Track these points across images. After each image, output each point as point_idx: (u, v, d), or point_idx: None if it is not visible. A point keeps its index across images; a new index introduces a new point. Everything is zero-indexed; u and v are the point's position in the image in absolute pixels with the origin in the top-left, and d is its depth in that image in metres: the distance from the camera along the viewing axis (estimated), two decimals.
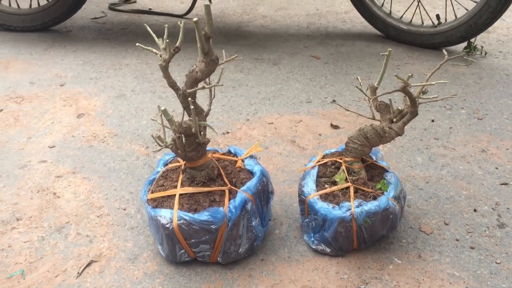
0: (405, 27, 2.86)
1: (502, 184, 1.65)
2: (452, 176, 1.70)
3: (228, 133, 2.00)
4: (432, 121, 2.07)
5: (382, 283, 1.25)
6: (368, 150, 1.38)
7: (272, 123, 2.08)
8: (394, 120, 1.36)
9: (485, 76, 2.50)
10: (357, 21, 3.46)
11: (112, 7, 3.69)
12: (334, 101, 1.20)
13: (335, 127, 2.04)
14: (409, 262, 1.32)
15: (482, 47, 2.77)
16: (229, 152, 1.47)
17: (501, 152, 1.84)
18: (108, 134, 1.98)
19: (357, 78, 1.54)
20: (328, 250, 1.33)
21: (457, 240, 1.40)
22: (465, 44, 2.75)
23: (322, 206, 1.29)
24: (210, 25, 1.12)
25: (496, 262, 1.32)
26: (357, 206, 1.27)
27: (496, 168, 1.74)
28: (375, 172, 1.42)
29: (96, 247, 1.38)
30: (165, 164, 1.43)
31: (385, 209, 1.26)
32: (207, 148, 1.47)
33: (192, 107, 1.13)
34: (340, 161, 1.40)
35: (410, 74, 1.20)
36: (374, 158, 1.48)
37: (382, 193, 1.31)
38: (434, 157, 1.82)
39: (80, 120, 2.09)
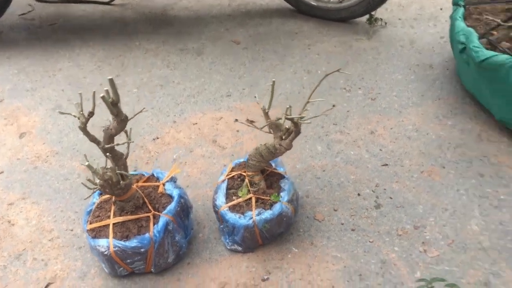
0: (314, 3, 3.11)
1: (383, 165, 2.02)
2: (345, 162, 2.05)
3: (157, 138, 2.27)
4: (333, 106, 2.38)
5: (282, 271, 1.62)
6: (265, 164, 1.69)
7: (196, 123, 2.35)
8: (283, 137, 1.66)
9: (383, 50, 2.81)
10: None
11: None
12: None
13: (251, 122, 2.33)
14: (304, 250, 1.69)
15: (381, 19, 3.05)
16: (152, 176, 1.76)
17: (386, 132, 2.19)
18: (50, 152, 2.21)
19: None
20: (240, 248, 1.68)
21: (342, 224, 1.78)
22: (368, 16, 3.03)
23: (231, 217, 1.62)
24: (115, 94, 1.37)
25: (370, 241, 1.70)
26: (258, 215, 1.60)
27: (380, 149, 2.10)
28: (274, 179, 1.75)
29: (51, 270, 1.68)
30: (100, 194, 1.70)
31: (279, 215, 1.61)
32: (135, 173, 1.76)
33: (122, 157, 1.40)
34: (245, 174, 1.71)
35: (288, 106, 1.48)
36: (273, 165, 1.80)
37: (278, 200, 1.64)
38: (332, 144, 2.15)
39: (22, 140, 2.30)
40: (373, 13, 2.98)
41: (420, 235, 1.70)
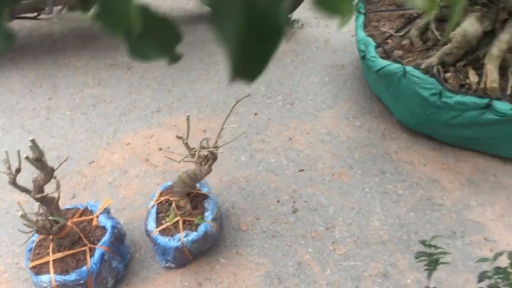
0: None
1: (299, 170, 2.25)
2: (266, 170, 2.27)
3: (93, 162, 2.41)
4: (255, 114, 2.58)
5: (211, 282, 1.84)
6: (189, 188, 1.89)
7: (129, 143, 2.50)
8: (203, 163, 1.86)
9: (300, 52, 3.01)
10: None
11: None
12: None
13: (180, 137, 2.50)
14: (230, 259, 1.91)
15: (298, 21, 3.24)
16: (86, 209, 1.92)
17: (302, 137, 2.42)
18: None
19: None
20: (173, 265, 1.88)
21: (264, 231, 2.00)
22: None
23: (162, 240, 1.81)
24: (39, 151, 1.51)
25: (288, 245, 1.94)
26: (185, 236, 1.80)
27: (298, 155, 2.33)
28: (199, 199, 1.95)
29: None
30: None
31: (204, 234, 1.81)
32: (70, 207, 1.92)
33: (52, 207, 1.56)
34: (172, 199, 1.90)
35: (203, 138, 1.66)
36: (198, 186, 1.99)
37: (202, 221, 1.84)
38: (254, 153, 2.36)
39: None
40: (290, 15, 3.16)
41: (331, 235, 1.95)
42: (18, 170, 1.55)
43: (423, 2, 0.45)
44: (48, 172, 1.58)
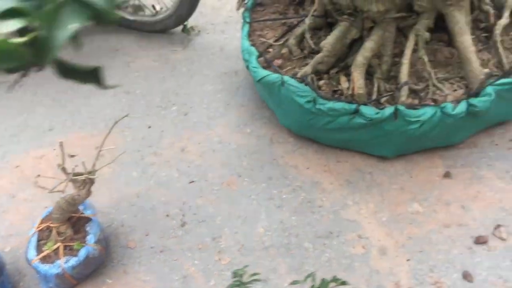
0: (131, 18, 3.23)
1: (190, 182, 2.29)
2: (157, 184, 2.30)
3: None
4: (149, 127, 2.59)
5: None
6: (69, 213, 1.88)
7: (18, 166, 2.44)
8: (81, 188, 1.86)
9: (196, 60, 3.04)
10: None
11: None
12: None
13: (72, 156, 2.47)
14: (117, 279, 1.93)
15: (193, 28, 3.26)
16: None
17: (195, 147, 2.46)
18: None
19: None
20: None
21: (152, 247, 2.03)
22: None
23: (42, 268, 1.80)
24: None
25: (174, 260, 1.98)
26: (66, 262, 1.80)
27: (189, 166, 2.36)
28: (81, 223, 1.95)
29: None
30: None
31: (86, 258, 1.82)
32: None
33: None
34: (52, 226, 1.89)
35: (74, 166, 1.66)
36: (81, 208, 1.99)
37: (82, 247, 1.85)
38: (146, 167, 2.38)
39: None
40: (186, 22, 3.17)
41: (217, 246, 2.01)
42: None
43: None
44: None
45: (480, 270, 1.81)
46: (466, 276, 1.81)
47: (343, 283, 1.30)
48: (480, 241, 1.92)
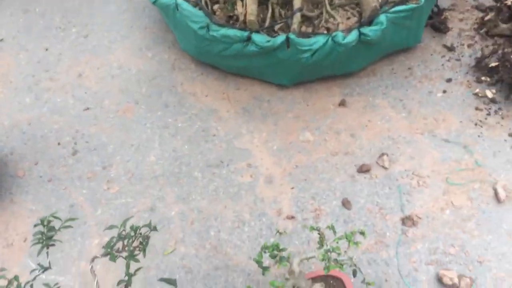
0: None
1: (85, 109, 2.22)
2: (51, 111, 2.22)
3: None
4: (46, 49, 2.46)
5: None
6: None
7: None
8: None
9: None
10: None
11: None
12: None
13: None
14: (4, 209, 1.91)
15: None
16: None
17: (93, 73, 2.36)
18: None
19: None
20: None
21: (41, 176, 2.01)
22: None
23: None
24: None
25: (63, 189, 1.97)
26: None
27: (85, 92, 2.29)
28: None
29: None
30: None
31: None
32: None
33: None
34: None
35: None
36: None
37: None
38: (41, 93, 2.29)
39: None
40: None
41: (107, 174, 2.00)
42: None
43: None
44: None
45: (359, 198, 1.89)
46: (345, 204, 1.89)
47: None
48: (363, 169, 1.98)
